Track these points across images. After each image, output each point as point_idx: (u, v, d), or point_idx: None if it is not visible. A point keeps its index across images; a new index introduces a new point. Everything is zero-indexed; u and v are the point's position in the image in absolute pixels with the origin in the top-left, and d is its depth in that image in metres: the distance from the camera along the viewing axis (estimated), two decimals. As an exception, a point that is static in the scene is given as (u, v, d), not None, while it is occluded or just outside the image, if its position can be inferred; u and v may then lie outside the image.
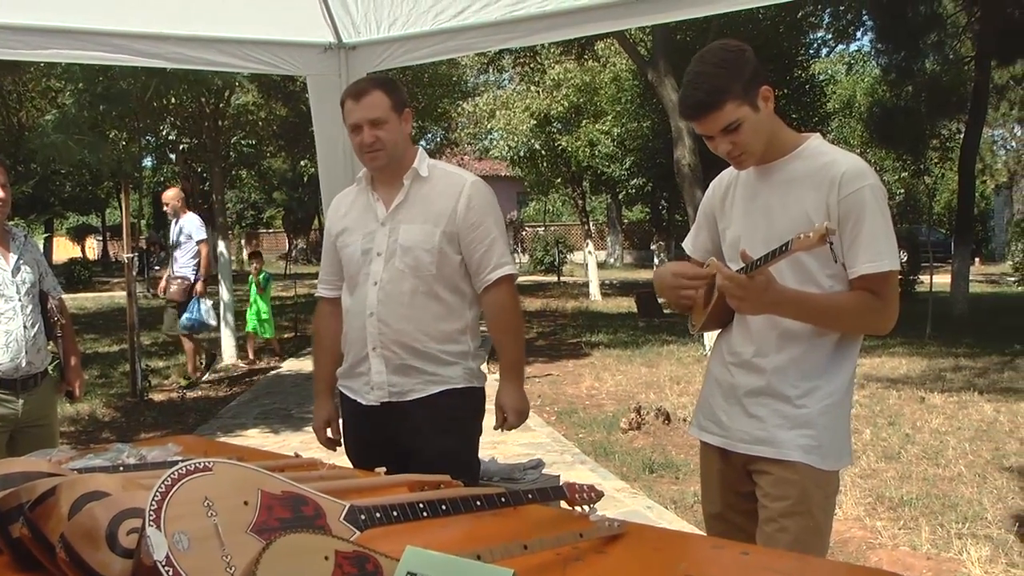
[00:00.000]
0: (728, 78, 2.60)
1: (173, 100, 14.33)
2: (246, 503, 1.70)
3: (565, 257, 35.26)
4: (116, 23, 4.53)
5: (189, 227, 11.17)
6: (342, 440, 3.66)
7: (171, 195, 11.51)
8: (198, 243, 11.08)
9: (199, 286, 10.96)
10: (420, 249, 3.32)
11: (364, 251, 3.42)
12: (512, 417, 3.45)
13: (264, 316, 14.02)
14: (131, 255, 11.14)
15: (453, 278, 3.38)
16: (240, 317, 14.60)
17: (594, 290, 24.96)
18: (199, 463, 1.69)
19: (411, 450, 3.31)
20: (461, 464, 3.16)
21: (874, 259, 2.57)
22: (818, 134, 2.81)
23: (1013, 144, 43.98)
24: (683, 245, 3.16)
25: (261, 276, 14.04)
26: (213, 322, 11.55)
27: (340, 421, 3.65)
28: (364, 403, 3.43)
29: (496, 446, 7.88)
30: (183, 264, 11.07)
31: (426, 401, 3.35)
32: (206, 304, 11.03)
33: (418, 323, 3.33)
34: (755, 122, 2.65)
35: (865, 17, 21.20)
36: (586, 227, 27.45)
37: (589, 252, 25.92)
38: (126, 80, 12.08)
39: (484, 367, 3.63)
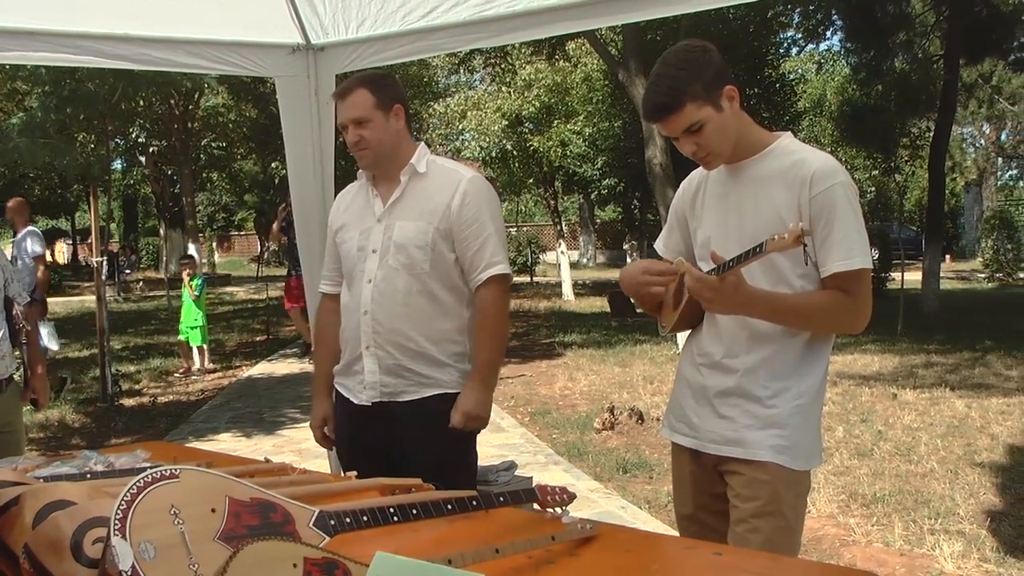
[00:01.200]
0: (688, 79, 2.59)
1: (142, 102, 14.24)
2: (213, 510, 1.67)
3: (538, 257, 35.29)
4: (82, 24, 4.48)
5: (27, 242, 10.16)
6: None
7: (12, 205, 10.54)
8: (34, 259, 10.02)
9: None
10: (413, 246, 3.29)
11: (360, 247, 3.39)
12: (469, 423, 3.30)
13: (196, 323, 13.33)
14: (100, 259, 11.04)
15: (449, 276, 3.34)
16: (211, 320, 14.51)
17: (567, 290, 24.97)
18: (165, 470, 1.66)
19: (402, 455, 3.27)
20: (455, 470, 3.12)
21: (846, 257, 2.57)
22: (789, 133, 2.80)
23: (982, 142, 44.37)
24: (655, 246, 3.14)
25: (195, 282, 13.45)
26: (55, 346, 10.50)
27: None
28: (356, 402, 3.40)
29: (469, 448, 7.88)
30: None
31: (417, 404, 3.31)
32: (47, 327, 9.69)
33: (413, 322, 3.29)
34: (719, 122, 2.63)
35: (835, 17, 21.32)
36: (558, 227, 27.47)
37: (562, 252, 25.92)
38: (93, 82, 11.99)
39: None
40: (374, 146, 3.32)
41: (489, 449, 7.88)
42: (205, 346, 13.67)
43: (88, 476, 2.37)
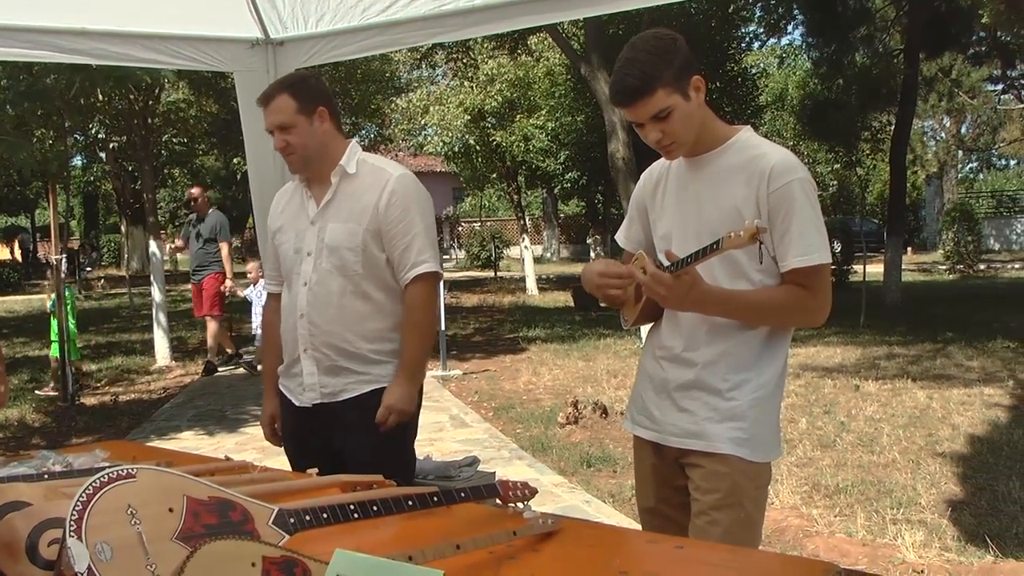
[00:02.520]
0: (660, 65, 2.58)
1: (101, 97, 14.08)
2: (171, 510, 1.66)
3: (501, 252, 35.24)
4: (38, 18, 4.43)
5: None
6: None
7: None
8: None
9: None
10: (344, 248, 3.30)
11: (296, 250, 3.41)
12: (392, 417, 3.31)
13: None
14: (60, 256, 10.92)
15: (382, 275, 3.36)
16: (173, 318, 14.40)
17: (531, 285, 24.97)
18: (122, 470, 1.64)
19: (344, 450, 3.29)
20: (394, 462, 3.14)
21: (805, 252, 2.58)
22: (749, 127, 2.81)
23: (943, 135, 44.87)
24: (616, 237, 3.15)
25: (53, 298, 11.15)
26: None
27: None
28: (297, 404, 3.43)
29: (433, 443, 7.88)
30: None
31: (357, 401, 3.33)
32: None
33: (347, 324, 3.31)
34: (686, 111, 2.63)
35: (796, 11, 21.43)
36: (522, 222, 27.42)
37: (525, 247, 25.93)
38: (50, 77, 11.85)
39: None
40: (299, 151, 3.33)
41: (453, 444, 7.88)
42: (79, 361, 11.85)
43: (45, 476, 2.34)
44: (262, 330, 3.85)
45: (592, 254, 28.74)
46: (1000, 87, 34.87)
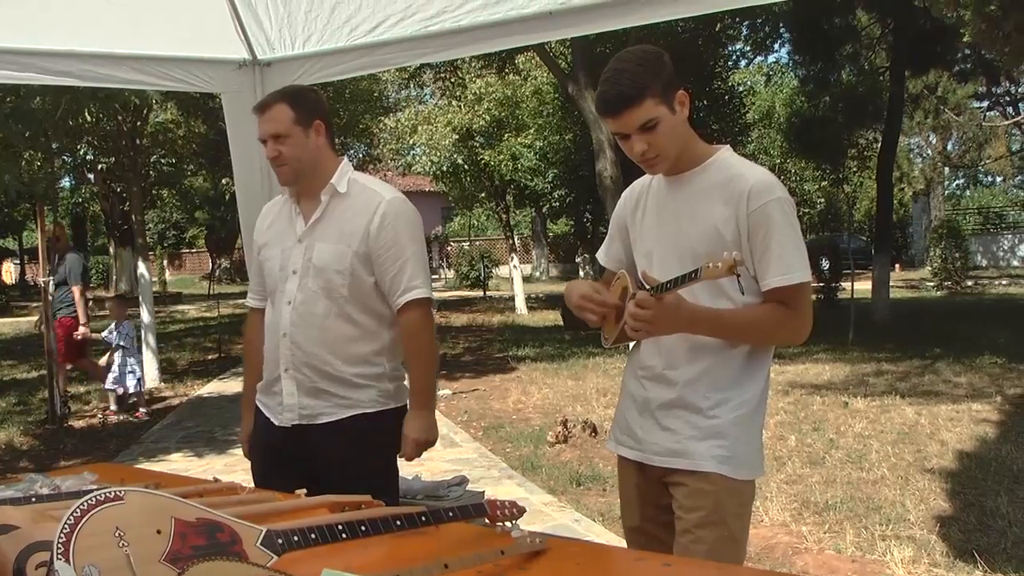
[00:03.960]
0: (648, 75, 2.60)
1: (88, 118, 14.04)
2: (159, 532, 1.66)
3: (490, 271, 35.23)
4: (24, 40, 4.43)
5: None
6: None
7: None
8: None
9: None
10: (332, 270, 3.27)
11: (282, 267, 3.37)
12: (420, 449, 3.32)
13: None
14: (48, 278, 10.88)
15: (367, 299, 3.32)
16: (162, 339, 14.35)
17: (520, 304, 24.97)
18: (110, 492, 1.64)
19: (320, 476, 3.24)
20: (374, 489, 3.11)
21: (784, 272, 2.59)
22: (728, 147, 2.82)
23: (929, 152, 45.06)
24: (597, 255, 3.17)
25: None
26: None
27: None
28: (276, 423, 3.39)
29: (423, 463, 7.82)
30: None
31: (336, 426, 3.30)
32: None
33: (330, 346, 3.28)
34: (671, 124, 2.65)
35: (782, 29, 21.54)
36: (511, 241, 27.45)
37: (514, 266, 25.94)
38: (37, 99, 11.82)
39: (406, 383, 3.53)
40: (292, 163, 3.30)
41: (442, 464, 7.87)
42: None
43: (33, 499, 2.33)
44: (244, 346, 3.79)
45: (581, 272, 28.83)
46: (985, 104, 35.15)
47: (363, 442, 3.29)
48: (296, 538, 1.85)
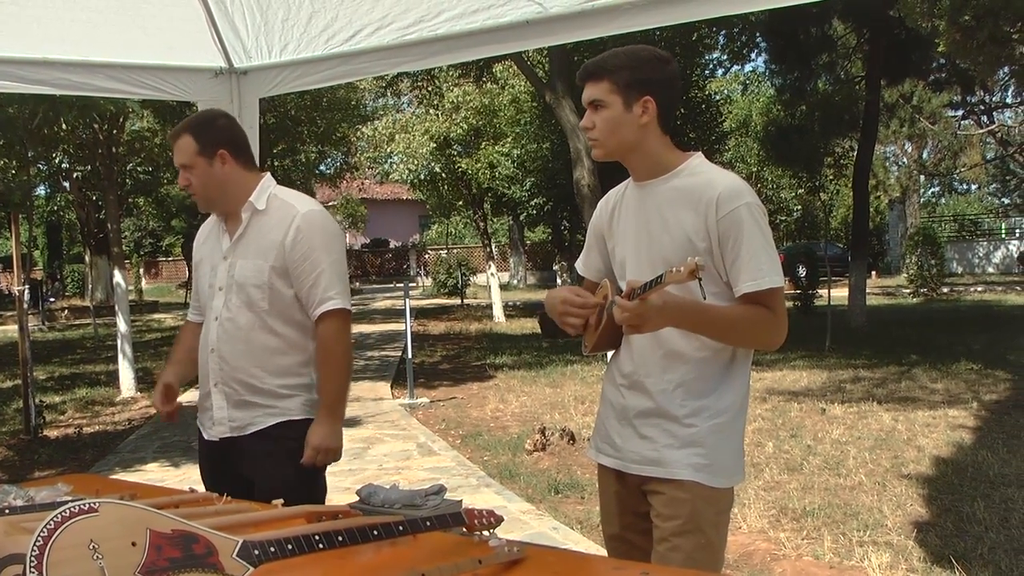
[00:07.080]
0: (621, 65, 2.68)
1: (64, 127, 13.98)
2: (134, 544, 1.65)
3: (468, 279, 35.22)
4: (0, 48, 4.42)
5: None
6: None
7: None
8: None
9: None
10: (251, 285, 3.32)
11: (210, 284, 3.46)
12: (320, 456, 3.32)
13: None
14: (23, 287, 10.81)
15: (289, 312, 3.36)
16: (139, 348, 14.26)
17: (498, 312, 24.98)
18: (84, 504, 1.63)
19: (251, 482, 3.30)
20: (301, 495, 3.08)
21: (755, 277, 2.60)
22: (700, 153, 2.84)
23: (904, 160, 45.31)
24: (575, 266, 3.18)
25: None
26: None
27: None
28: (207, 437, 3.51)
29: (400, 471, 7.85)
30: None
31: (264, 433, 3.36)
32: None
33: (255, 359, 3.34)
34: (617, 116, 2.70)
35: (759, 39, 21.63)
36: (488, 249, 27.44)
37: (492, 274, 25.97)
38: (13, 107, 11.76)
39: None
40: (199, 191, 3.36)
41: (420, 472, 7.84)
42: None
43: (6, 511, 2.31)
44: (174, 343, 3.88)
45: (559, 280, 28.84)
46: (960, 113, 35.32)
47: (290, 447, 3.32)
48: (272, 549, 1.84)
